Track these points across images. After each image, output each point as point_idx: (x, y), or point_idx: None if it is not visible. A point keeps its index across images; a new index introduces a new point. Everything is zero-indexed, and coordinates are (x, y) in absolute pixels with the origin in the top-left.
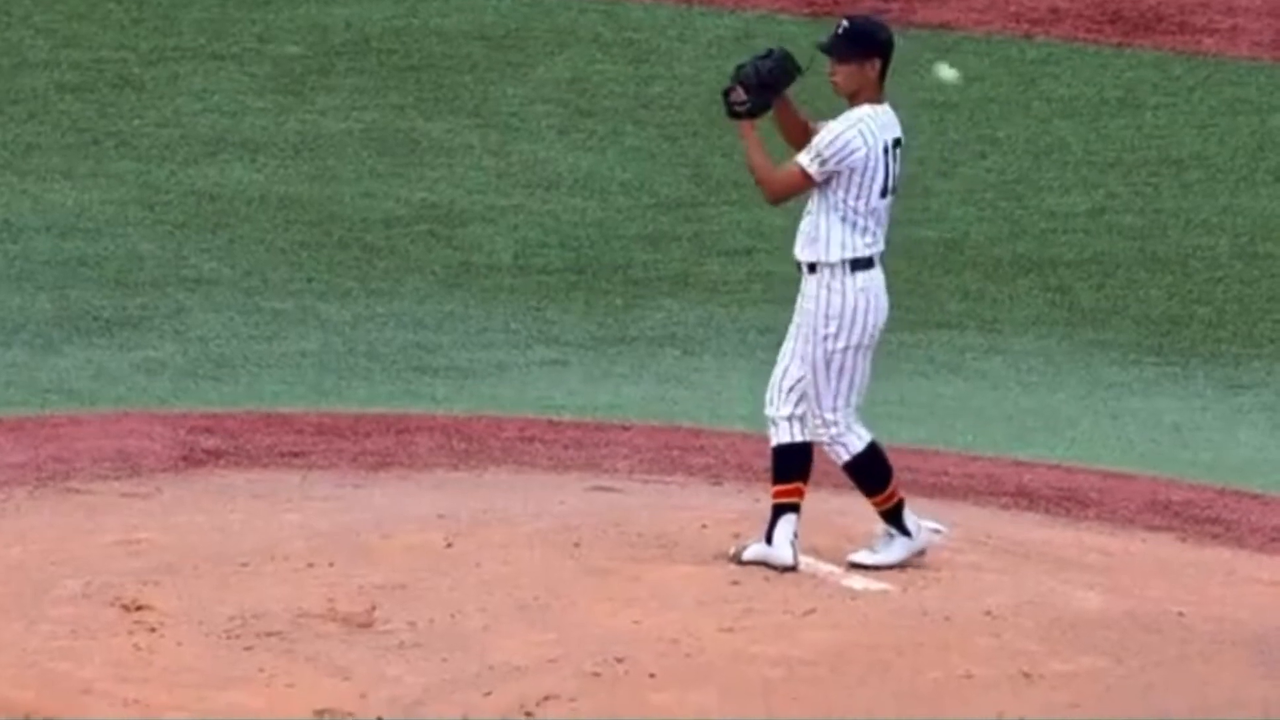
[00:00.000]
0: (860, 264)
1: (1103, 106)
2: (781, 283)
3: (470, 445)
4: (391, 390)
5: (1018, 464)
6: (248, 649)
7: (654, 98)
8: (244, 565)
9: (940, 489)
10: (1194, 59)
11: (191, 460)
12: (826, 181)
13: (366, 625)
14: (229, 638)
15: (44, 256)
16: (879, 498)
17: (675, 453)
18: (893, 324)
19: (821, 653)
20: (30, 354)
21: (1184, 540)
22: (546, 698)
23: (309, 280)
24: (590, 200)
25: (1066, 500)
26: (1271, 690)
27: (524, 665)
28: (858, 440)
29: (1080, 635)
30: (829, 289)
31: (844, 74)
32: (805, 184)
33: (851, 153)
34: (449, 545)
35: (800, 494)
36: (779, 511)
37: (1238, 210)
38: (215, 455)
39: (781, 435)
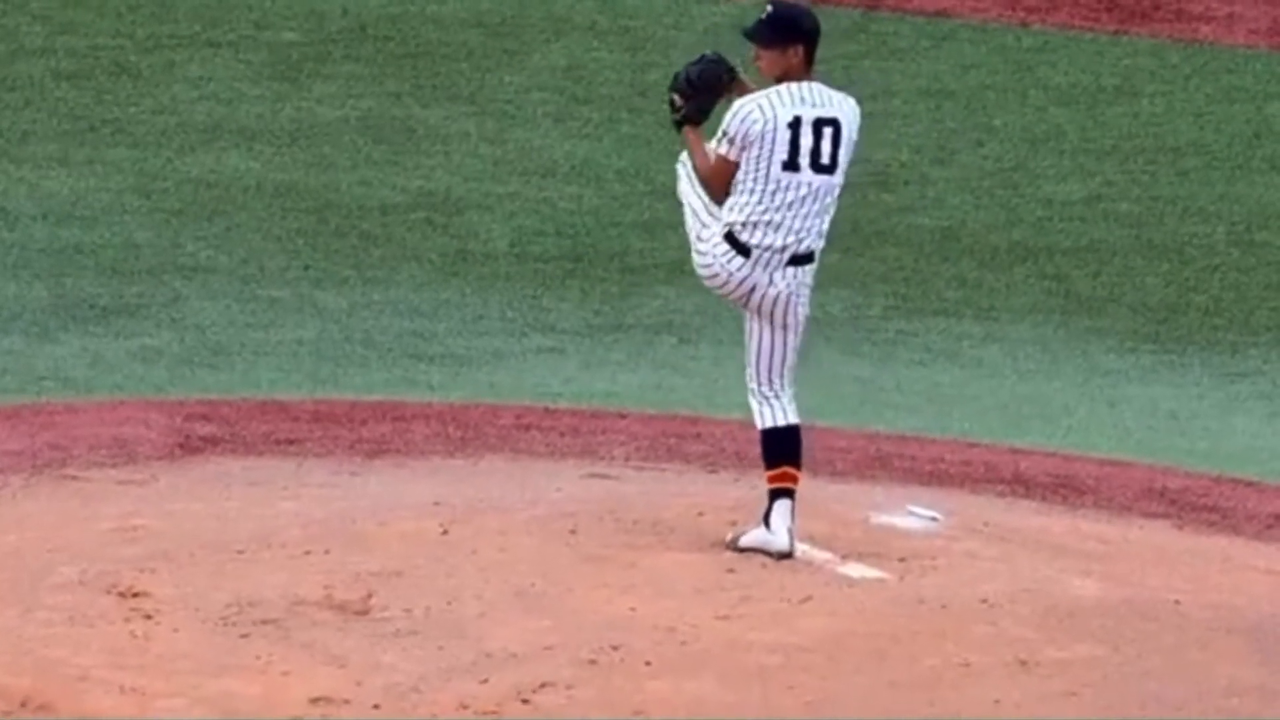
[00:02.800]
0: (735, 243)
1: (1099, 94)
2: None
3: (466, 433)
4: (388, 378)
5: (1014, 451)
6: (244, 636)
7: (650, 85)
8: (240, 552)
9: (937, 476)
10: (1190, 47)
11: (188, 448)
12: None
13: (363, 613)
14: (225, 625)
15: (40, 244)
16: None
17: (672, 440)
18: (890, 312)
19: (818, 640)
20: (27, 342)
21: (1180, 528)
22: (543, 685)
23: (305, 268)
24: (586, 188)
25: (1063, 488)
26: (1268, 677)
27: (520, 653)
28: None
29: (1077, 623)
30: (711, 246)
31: (768, 59)
32: (731, 167)
33: (751, 124)
34: (445, 532)
35: (794, 479)
36: (774, 496)
37: (1234, 198)
38: (212, 443)
39: (767, 420)
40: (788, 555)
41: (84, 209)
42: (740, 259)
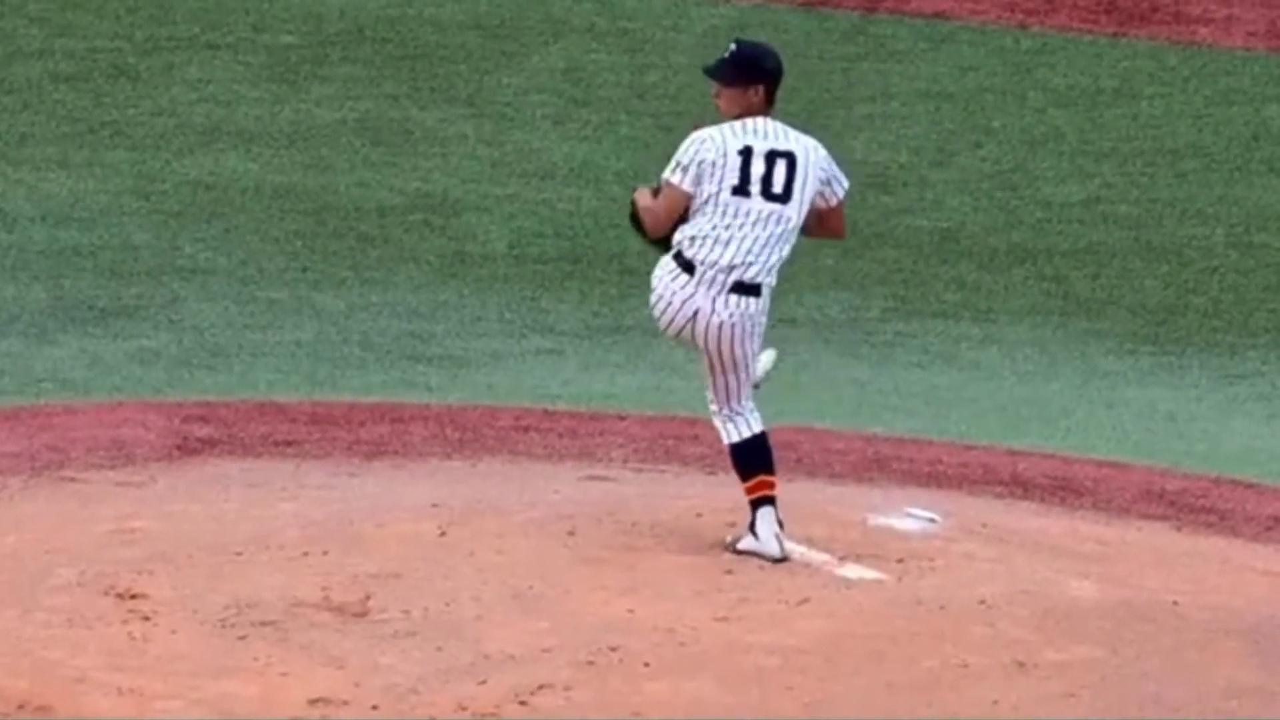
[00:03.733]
0: (681, 260)
1: (1098, 96)
2: (777, 273)
3: (465, 434)
4: (386, 379)
5: (1013, 453)
6: (242, 638)
7: (649, 87)
8: (238, 554)
9: (935, 478)
10: (1189, 49)
11: (186, 449)
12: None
13: (361, 614)
14: (223, 626)
15: (39, 246)
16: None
17: (670, 442)
18: (888, 314)
19: (816, 642)
20: (25, 343)
21: (1179, 529)
22: (541, 687)
23: (304, 270)
24: (585, 190)
25: (1061, 489)
26: (1267, 679)
27: (518, 654)
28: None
29: (1075, 624)
30: (660, 271)
31: (728, 97)
32: (681, 196)
33: (704, 152)
34: (443, 534)
35: (771, 485)
36: (756, 506)
37: (1233, 200)
38: (210, 444)
39: (733, 435)
40: (783, 559)
41: (82, 211)
42: (685, 276)
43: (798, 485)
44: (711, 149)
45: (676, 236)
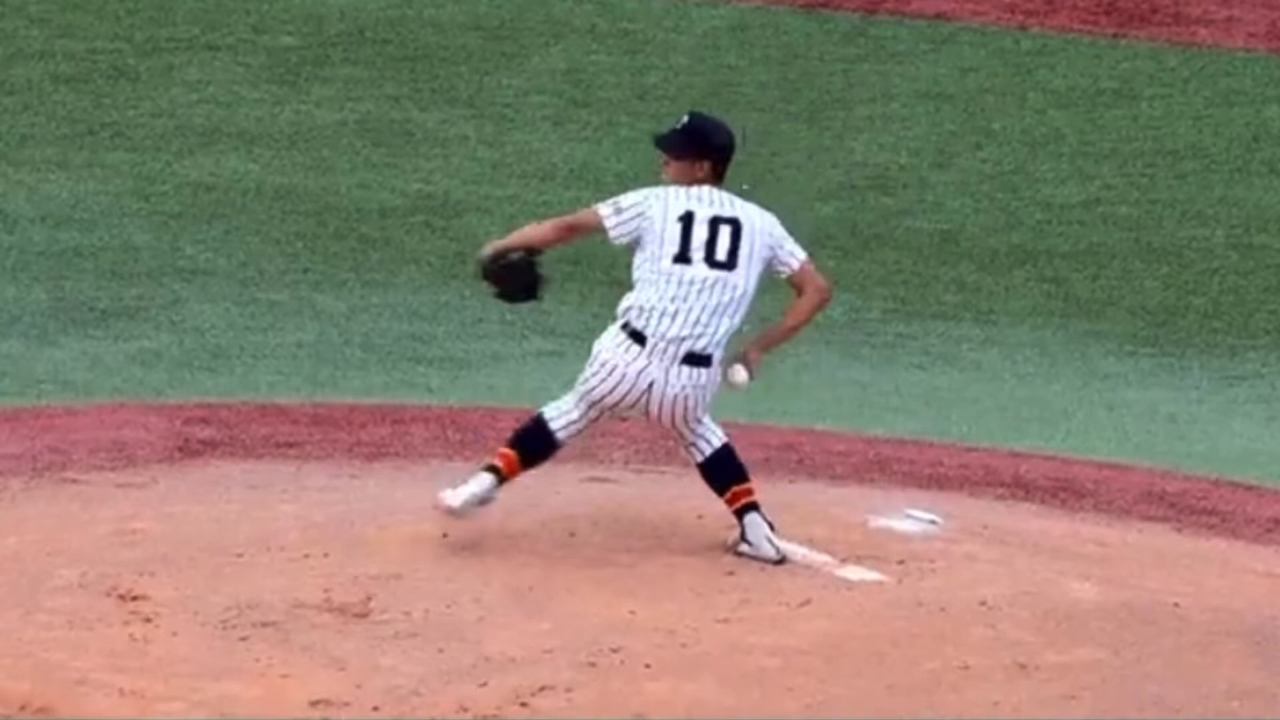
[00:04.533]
0: (631, 331)
1: (1098, 98)
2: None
3: (466, 436)
4: (387, 381)
5: (1014, 455)
6: (243, 639)
7: (649, 89)
8: (239, 556)
9: (936, 480)
10: (1189, 50)
11: (187, 451)
12: (631, 247)
13: (362, 616)
14: (224, 628)
15: (39, 247)
16: None
17: (671, 443)
18: (889, 315)
19: (817, 643)
20: (26, 345)
21: (1180, 531)
22: (542, 688)
23: (304, 271)
24: (585, 191)
25: (1062, 491)
26: (1268, 680)
27: (519, 656)
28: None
29: (1076, 626)
30: (606, 341)
31: (675, 168)
32: (592, 223)
33: (644, 202)
34: (445, 536)
35: (749, 492)
36: (741, 515)
37: (1233, 201)
38: (211, 446)
39: (698, 456)
40: (781, 560)
41: (83, 212)
42: (636, 347)
43: (799, 486)
44: (655, 205)
45: (623, 305)
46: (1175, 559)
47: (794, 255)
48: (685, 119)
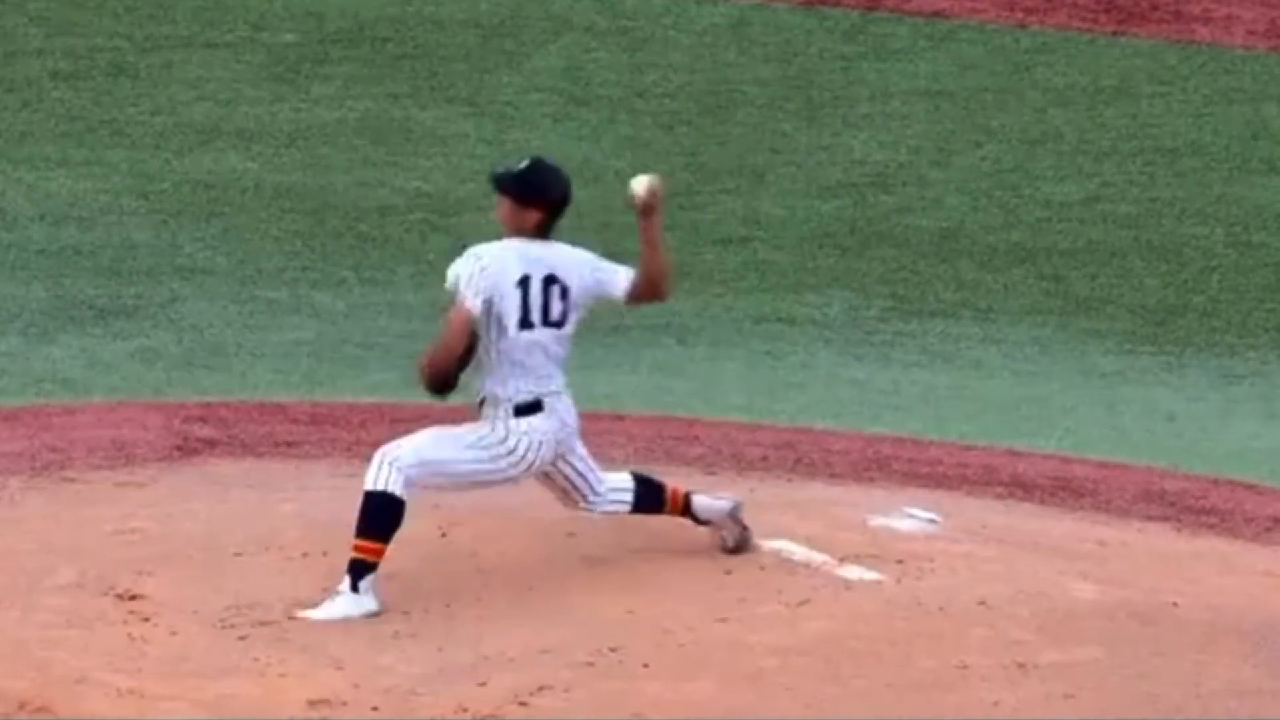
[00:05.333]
0: (525, 406)
1: (1097, 95)
2: (777, 272)
3: None
4: (386, 379)
5: (1012, 454)
6: (242, 639)
7: (648, 86)
8: (238, 555)
9: (935, 479)
10: (1188, 48)
11: (186, 450)
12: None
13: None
14: (223, 627)
15: (38, 245)
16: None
17: (669, 442)
18: (888, 313)
19: (816, 643)
20: (25, 343)
21: (1179, 530)
22: (541, 688)
23: (303, 269)
24: (585, 189)
25: (1061, 490)
26: (1267, 680)
27: (518, 655)
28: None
29: (1075, 626)
30: (499, 423)
31: (505, 210)
32: (471, 315)
33: (486, 272)
34: (443, 535)
35: (676, 497)
36: (687, 511)
37: (1232, 199)
38: (210, 444)
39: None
40: (739, 506)
41: (82, 210)
42: (539, 414)
43: (797, 485)
44: (495, 270)
45: (504, 395)
46: (1174, 558)
47: (616, 273)
48: (526, 162)
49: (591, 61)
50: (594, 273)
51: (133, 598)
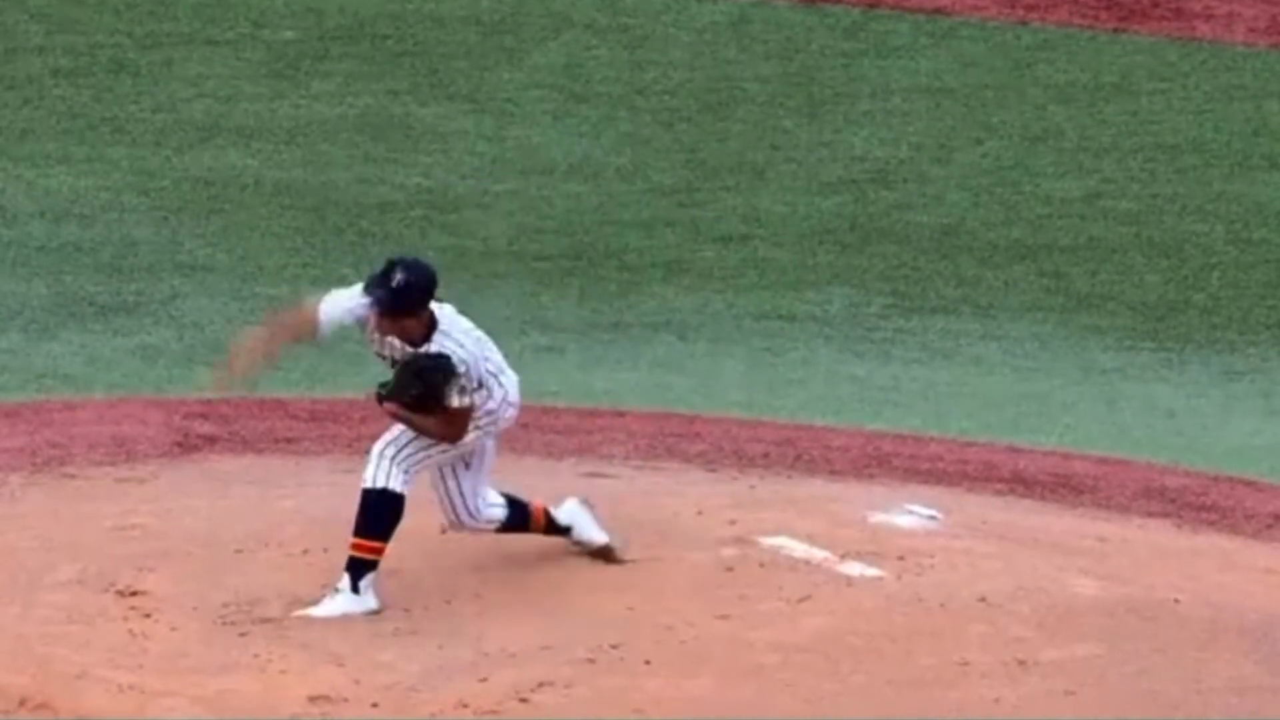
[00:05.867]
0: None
1: (1098, 92)
2: (777, 269)
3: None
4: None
5: (1013, 450)
6: (242, 635)
7: (648, 84)
8: (239, 551)
9: (935, 475)
10: (1189, 45)
11: (186, 446)
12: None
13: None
14: (224, 624)
15: (39, 242)
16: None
17: (670, 439)
18: (889, 310)
19: (816, 639)
20: (26, 339)
21: (1179, 527)
22: (541, 684)
23: (304, 266)
24: (585, 186)
25: (1062, 486)
26: (1267, 676)
27: (519, 651)
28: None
29: (1075, 622)
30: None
31: (407, 326)
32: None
33: (480, 364)
34: (444, 531)
35: (539, 513)
36: (551, 528)
37: (1232, 196)
38: (210, 441)
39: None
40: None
41: (83, 207)
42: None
43: (797, 482)
44: (468, 361)
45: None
46: (1174, 554)
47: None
48: (399, 278)
49: (591, 58)
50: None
51: (133, 594)
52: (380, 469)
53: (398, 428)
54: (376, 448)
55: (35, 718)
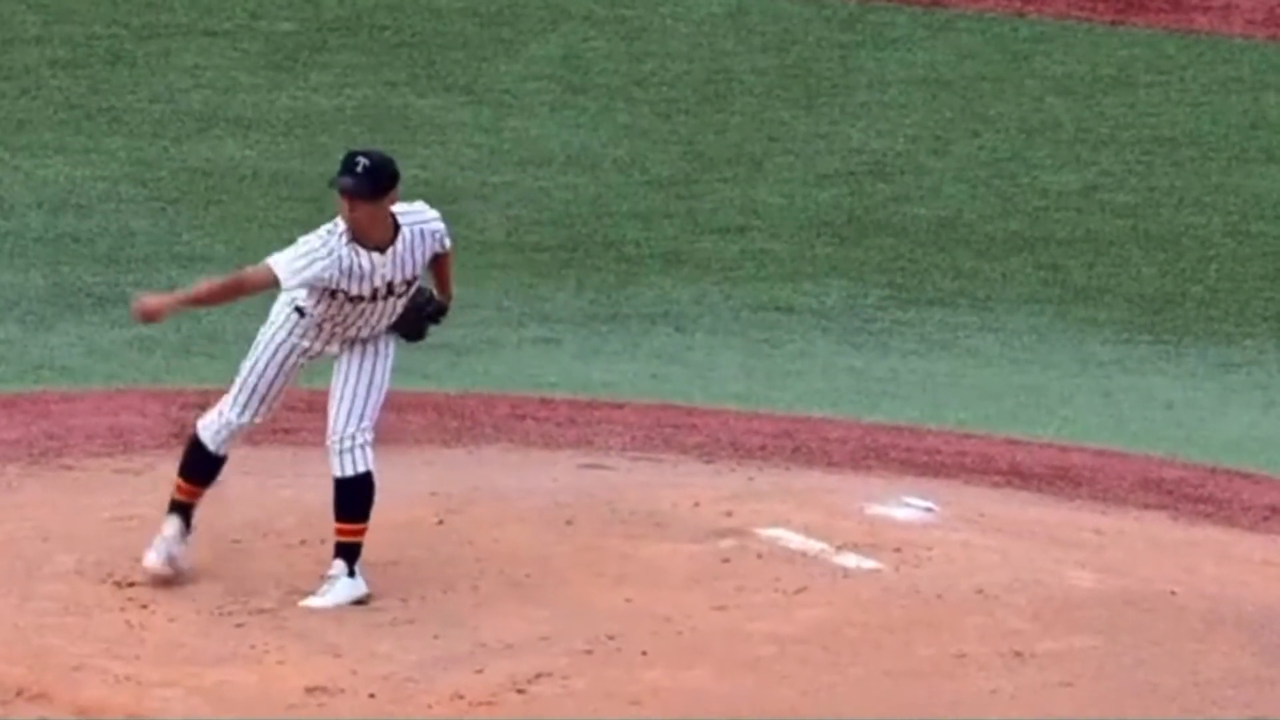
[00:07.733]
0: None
1: (1096, 84)
2: (774, 261)
3: (462, 423)
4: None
5: (1010, 442)
6: (239, 626)
7: (646, 75)
8: (236, 542)
9: (932, 467)
10: (1187, 37)
11: (184, 437)
12: None
13: (358, 602)
14: (221, 614)
15: (36, 233)
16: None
17: (667, 430)
18: (886, 302)
19: (813, 631)
20: (23, 330)
21: (1176, 519)
22: (538, 675)
23: None
24: (583, 177)
25: (1059, 479)
26: (1264, 668)
27: (516, 642)
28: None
29: (1072, 614)
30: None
31: (364, 212)
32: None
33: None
34: (440, 522)
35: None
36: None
37: (1230, 189)
38: None
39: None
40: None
41: (80, 197)
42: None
43: (794, 473)
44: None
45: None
46: (1171, 547)
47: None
48: (364, 162)
49: (589, 50)
50: None
51: (130, 585)
52: (345, 459)
53: (341, 412)
54: (333, 440)
55: (32, 708)
